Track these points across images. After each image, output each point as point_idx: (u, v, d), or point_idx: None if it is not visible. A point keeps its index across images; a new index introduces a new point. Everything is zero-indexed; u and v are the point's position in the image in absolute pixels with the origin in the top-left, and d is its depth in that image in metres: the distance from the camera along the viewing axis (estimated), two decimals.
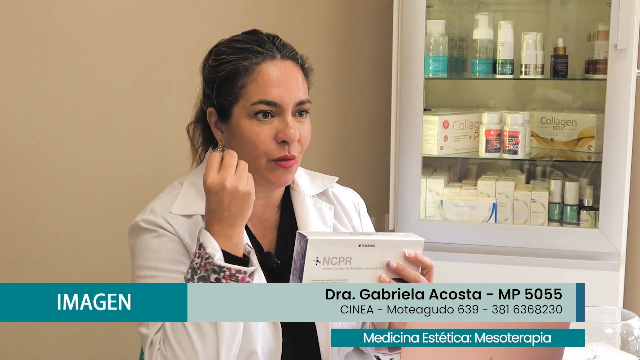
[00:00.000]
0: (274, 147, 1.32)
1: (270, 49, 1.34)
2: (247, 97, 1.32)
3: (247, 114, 1.32)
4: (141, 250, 1.32)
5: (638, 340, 1.29)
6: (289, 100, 1.32)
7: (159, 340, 1.24)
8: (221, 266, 1.19)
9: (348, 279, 1.19)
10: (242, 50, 1.34)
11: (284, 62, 1.34)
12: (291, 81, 1.33)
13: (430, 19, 2.32)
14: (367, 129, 2.71)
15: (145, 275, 1.31)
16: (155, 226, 1.32)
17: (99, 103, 2.36)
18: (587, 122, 2.31)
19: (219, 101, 1.35)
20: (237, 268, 1.19)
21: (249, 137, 1.31)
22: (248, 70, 1.32)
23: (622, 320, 1.36)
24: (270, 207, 1.44)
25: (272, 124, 1.32)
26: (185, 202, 1.36)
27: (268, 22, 2.51)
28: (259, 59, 1.32)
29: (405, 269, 1.23)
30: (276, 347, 1.34)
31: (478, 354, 1.10)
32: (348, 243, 1.18)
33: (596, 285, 2.15)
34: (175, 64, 2.41)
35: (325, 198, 1.50)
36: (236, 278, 1.19)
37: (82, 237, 2.38)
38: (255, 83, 1.31)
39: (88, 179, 2.37)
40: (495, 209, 2.31)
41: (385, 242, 1.21)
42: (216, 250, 1.20)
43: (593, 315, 1.34)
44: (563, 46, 2.29)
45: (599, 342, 1.30)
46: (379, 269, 1.21)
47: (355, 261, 1.19)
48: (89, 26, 2.32)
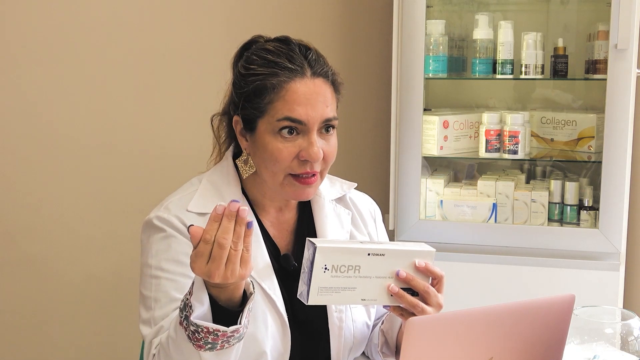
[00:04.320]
0: (295, 165, 1.30)
1: (300, 64, 1.31)
2: (273, 112, 1.29)
3: (272, 129, 1.30)
4: (150, 248, 1.33)
5: (638, 340, 1.29)
6: (314, 119, 1.29)
7: (155, 346, 1.25)
8: (197, 324, 1.10)
9: (356, 288, 1.18)
10: (272, 65, 1.30)
11: (313, 81, 1.31)
12: (319, 99, 1.30)
13: (430, 19, 2.32)
14: (367, 129, 2.71)
15: (151, 274, 1.31)
16: (167, 225, 1.32)
17: (99, 103, 2.36)
18: (587, 122, 2.31)
19: (244, 113, 1.33)
20: (214, 327, 1.10)
21: (271, 152, 1.30)
22: (276, 87, 1.29)
23: (622, 320, 1.36)
24: (289, 209, 1.43)
25: (296, 141, 1.29)
26: (201, 200, 1.35)
27: (268, 22, 2.51)
28: (288, 76, 1.29)
29: (414, 279, 1.22)
30: (284, 351, 1.34)
31: (478, 354, 1.11)
32: (357, 251, 1.17)
33: (596, 285, 2.15)
34: (178, 64, 2.41)
35: (343, 203, 1.49)
36: (215, 334, 1.11)
37: (82, 237, 2.38)
38: (283, 100, 1.29)
39: (88, 178, 2.37)
40: (495, 209, 2.31)
41: (395, 252, 1.20)
42: (200, 302, 1.10)
43: (593, 315, 1.33)
44: (563, 46, 2.29)
45: (599, 342, 1.30)
46: (388, 278, 1.20)
47: (364, 270, 1.18)
48: (88, 26, 2.32)
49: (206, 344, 1.12)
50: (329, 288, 1.17)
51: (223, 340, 1.13)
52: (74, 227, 2.37)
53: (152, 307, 1.29)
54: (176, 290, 1.28)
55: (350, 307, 1.41)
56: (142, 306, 1.32)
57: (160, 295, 1.29)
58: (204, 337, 1.11)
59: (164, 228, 1.32)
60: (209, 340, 1.12)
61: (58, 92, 2.30)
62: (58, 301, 2.38)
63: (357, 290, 1.18)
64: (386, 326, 1.43)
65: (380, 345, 1.43)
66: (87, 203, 2.37)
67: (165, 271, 1.30)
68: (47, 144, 2.31)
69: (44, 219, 2.33)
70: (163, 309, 1.28)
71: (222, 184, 1.38)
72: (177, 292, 1.28)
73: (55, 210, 2.34)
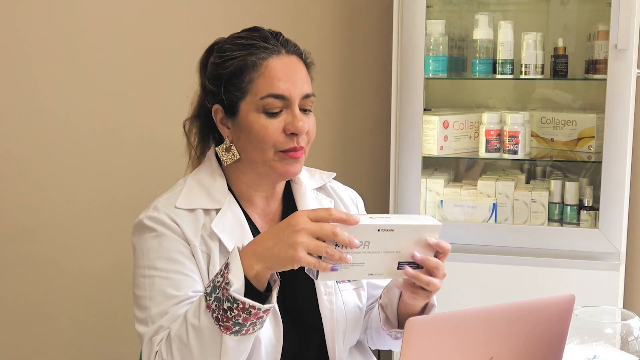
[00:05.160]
0: (282, 140, 1.34)
1: (275, 44, 1.36)
2: (255, 91, 1.34)
3: (256, 108, 1.34)
4: (142, 249, 1.34)
5: (638, 340, 1.29)
6: (296, 94, 1.34)
7: (157, 343, 1.25)
8: (235, 298, 1.14)
9: (365, 263, 1.18)
10: (247, 47, 1.36)
11: (289, 57, 1.36)
12: (297, 75, 1.36)
13: (430, 19, 2.32)
14: (367, 129, 2.71)
15: (144, 274, 1.32)
16: (157, 223, 1.33)
17: (99, 103, 2.36)
18: (587, 122, 2.31)
19: (226, 97, 1.36)
20: (250, 303, 1.14)
21: (257, 131, 1.33)
22: (255, 65, 1.34)
23: (622, 320, 1.36)
24: (273, 200, 1.46)
25: (281, 117, 1.34)
26: (188, 197, 1.38)
27: (268, 22, 2.50)
28: (265, 54, 1.34)
29: (427, 259, 1.21)
30: (277, 342, 1.35)
31: (478, 354, 1.11)
32: (368, 228, 1.17)
33: (596, 285, 2.15)
34: (177, 63, 2.41)
35: (324, 192, 1.53)
36: (249, 312, 1.15)
37: (82, 237, 2.38)
38: (263, 78, 1.33)
39: (89, 178, 2.37)
40: (495, 209, 2.31)
41: (405, 227, 1.19)
42: (237, 278, 1.15)
43: (593, 315, 1.34)
44: (563, 46, 2.29)
45: (599, 342, 1.30)
46: (396, 253, 1.20)
47: (373, 245, 1.18)
48: (87, 25, 2.32)
49: (235, 324, 1.15)
50: (338, 264, 1.16)
51: (252, 322, 1.16)
52: (74, 226, 2.37)
53: (147, 305, 1.29)
54: (172, 287, 1.29)
55: (340, 289, 1.42)
56: (136, 307, 1.32)
57: (155, 293, 1.29)
58: (236, 316, 1.14)
59: (154, 227, 1.33)
60: (239, 320, 1.15)
61: (58, 92, 2.30)
62: (58, 300, 2.38)
63: (366, 266, 1.18)
64: (384, 301, 1.43)
65: (382, 321, 1.43)
66: (87, 202, 2.37)
67: (159, 269, 1.31)
68: (47, 144, 2.31)
69: (44, 218, 2.33)
70: (160, 306, 1.28)
71: (208, 181, 1.41)
72: (172, 289, 1.29)
73: (56, 210, 2.34)
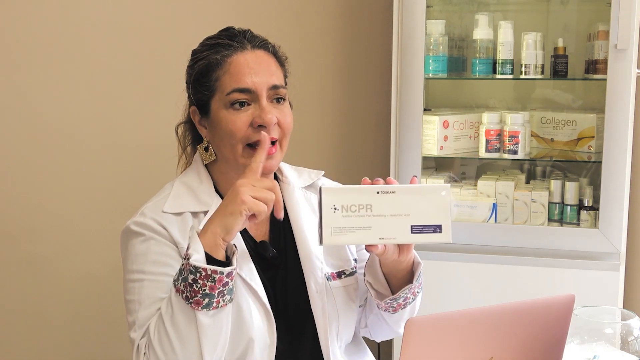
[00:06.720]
0: (251, 133, 1.35)
1: (240, 41, 1.38)
2: (222, 88, 1.36)
3: (224, 105, 1.35)
4: (130, 254, 1.35)
5: (638, 340, 1.29)
6: (261, 85, 1.35)
7: (144, 345, 1.25)
8: (196, 267, 1.17)
9: (372, 227, 1.18)
10: (213, 46, 1.39)
11: (254, 52, 1.38)
12: (262, 67, 1.36)
13: (430, 19, 2.31)
14: (367, 129, 2.71)
15: (133, 279, 1.32)
16: (145, 228, 1.34)
17: (100, 103, 2.36)
18: (587, 122, 2.31)
19: (197, 97, 1.39)
20: (212, 269, 1.17)
21: (226, 126, 1.35)
22: (220, 62, 1.36)
23: (622, 320, 1.36)
24: None
25: (248, 111, 1.35)
26: (176, 201, 1.38)
27: (269, 22, 2.51)
28: (230, 51, 1.37)
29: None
30: (270, 342, 1.35)
31: (478, 354, 1.11)
32: (365, 190, 1.17)
33: (596, 285, 2.15)
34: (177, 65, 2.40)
35: (313, 190, 1.52)
36: (212, 279, 1.17)
37: (82, 237, 2.38)
38: (228, 74, 1.35)
39: (89, 178, 2.37)
40: (495, 209, 2.31)
41: (406, 188, 1.19)
42: (196, 251, 1.18)
43: (593, 315, 1.33)
44: (563, 46, 2.29)
45: (599, 342, 1.30)
46: (404, 216, 1.19)
47: (377, 208, 1.17)
48: (87, 26, 2.32)
49: (204, 297, 1.17)
50: (342, 228, 1.17)
51: (219, 290, 1.17)
52: (74, 226, 2.37)
53: (135, 309, 1.30)
54: (161, 290, 1.29)
55: (331, 286, 1.42)
56: (127, 312, 1.33)
57: (143, 297, 1.30)
58: (202, 286, 1.16)
59: (142, 232, 1.34)
60: (206, 290, 1.16)
61: (58, 92, 2.31)
62: (58, 300, 2.38)
63: (373, 229, 1.18)
64: (369, 278, 1.42)
65: (374, 297, 1.42)
66: (87, 203, 2.37)
67: (148, 273, 1.31)
68: (47, 144, 2.31)
69: (44, 218, 2.34)
70: (147, 309, 1.29)
71: (194, 183, 1.42)
72: (161, 293, 1.29)
73: (56, 209, 2.34)
